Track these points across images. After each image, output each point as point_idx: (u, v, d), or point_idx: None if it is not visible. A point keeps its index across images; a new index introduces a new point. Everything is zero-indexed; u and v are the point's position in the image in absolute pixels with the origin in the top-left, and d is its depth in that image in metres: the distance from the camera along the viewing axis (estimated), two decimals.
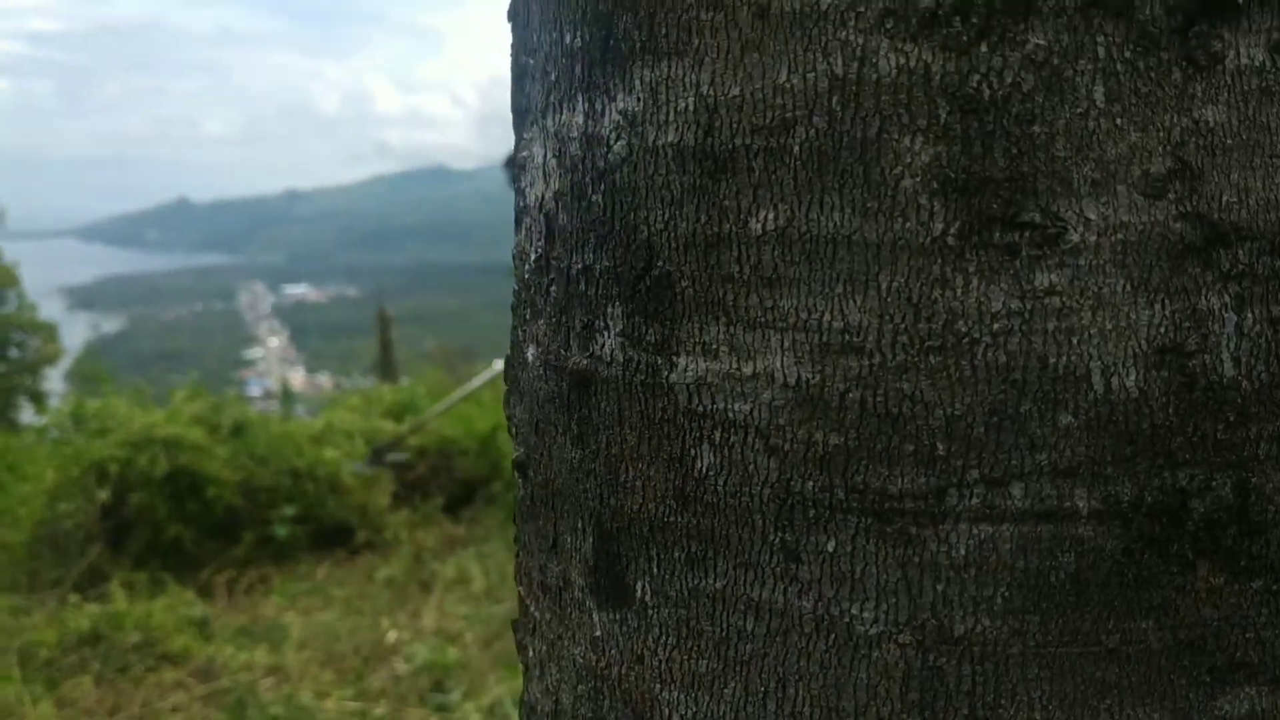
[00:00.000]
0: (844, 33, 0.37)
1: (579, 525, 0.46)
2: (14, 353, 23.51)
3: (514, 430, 0.51)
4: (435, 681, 3.54)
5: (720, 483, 0.41)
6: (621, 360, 0.43)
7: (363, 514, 5.82)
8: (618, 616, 0.45)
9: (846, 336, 0.39)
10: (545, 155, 0.46)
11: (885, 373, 0.38)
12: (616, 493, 0.44)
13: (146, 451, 5.20)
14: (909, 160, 0.37)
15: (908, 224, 0.37)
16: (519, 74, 0.49)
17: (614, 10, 0.41)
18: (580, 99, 0.44)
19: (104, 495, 5.10)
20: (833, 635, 0.40)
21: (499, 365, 6.65)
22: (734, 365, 0.40)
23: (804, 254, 0.39)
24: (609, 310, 0.44)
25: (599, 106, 0.43)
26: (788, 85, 0.38)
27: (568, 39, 0.44)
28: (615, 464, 0.44)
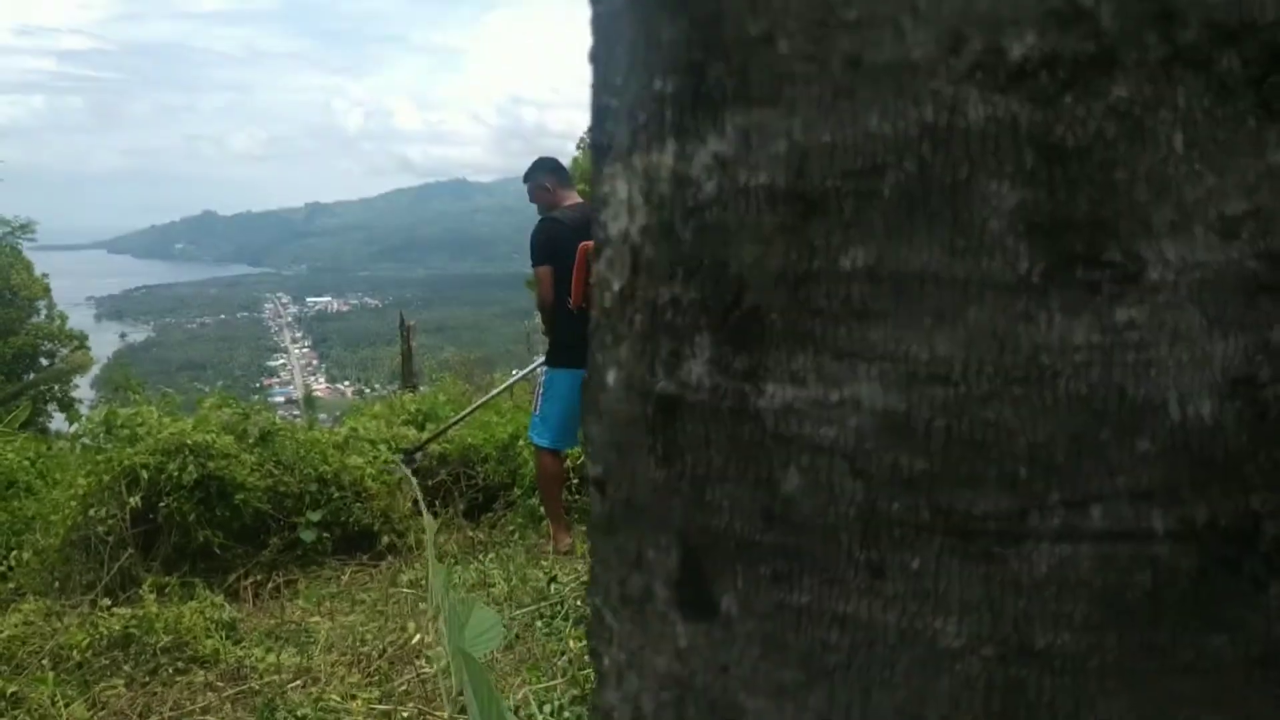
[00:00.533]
0: (935, 83, 0.39)
1: (662, 541, 0.48)
2: (44, 361, 23.84)
3: (591, 450, 0.53)
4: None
5: (807, 503, 0.43)
6: (709, 386, 0.45)
7: (386, 519, 5.85)
8: (703, 628, 0.47)
9: (933, 367, 0.40)
10: (631, 192, 0.48)
11: (970, 401, 0.40)
12: (702, 511, 0.46)
13: (176, 458, 5.24)
14: (996, 203, 0.39)
15: (994, 263, 0.39)
16: (600, 114, 0.51)
17: (706, 59, 0.43)
18: (670, 141, 0.46)
19: (135, 501, 5.14)
20: (917, 647, 0.42)
21: (519, 374, 6.69)
22: (821, 392, 0.42)
23: (893, 289, 0.41)
24: (697, 339, 0.46)
25: (689, 149, 0.45)
26: (879, 132, 0.40)
27: (658, 85, 0.46)
28: (701, 484, 0.46)
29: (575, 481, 6.40)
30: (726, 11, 0.42)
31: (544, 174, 5.61)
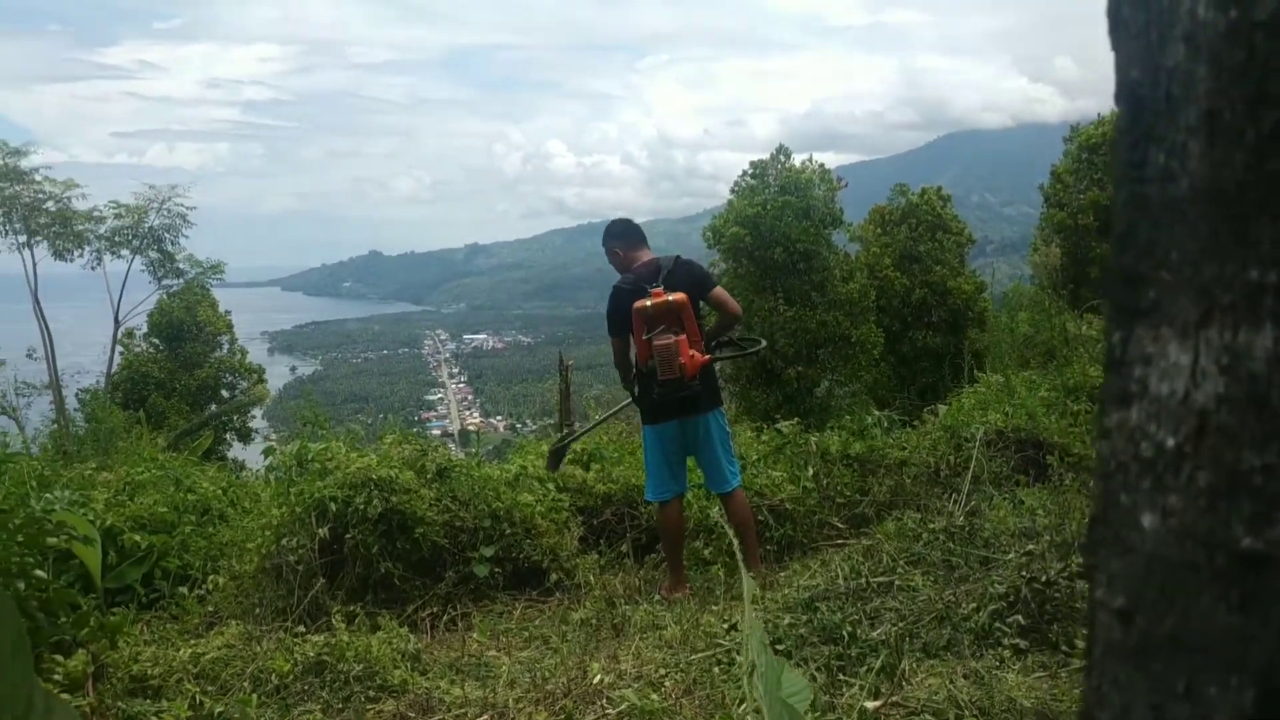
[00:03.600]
0: None
1: (1232, 681, 0.51)
2: (225, 393, 25.37)
3: (1105, 578, 0.55)
4: None
5: None
6: None
7: (554, 557, 5.94)
8: None
9: None
10: (1198, 360, 0.52)
11: None
12: None
13: (363, 492, 5.46)
14: None
15: None
16: (1136, 280, 0.56)
17: None
18: (1268, 326, 0.50)
19: (324, 532, 5.36)
20: None
21: (621, 405, 6.78)
22: None
23: None
24: None
25: None
26: None
27: (1254, 274, 0.50)
28: None
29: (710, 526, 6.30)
30: None
31: (613, 240, 5.82)
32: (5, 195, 24.69)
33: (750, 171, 22.51)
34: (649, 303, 5.27)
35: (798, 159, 22.43)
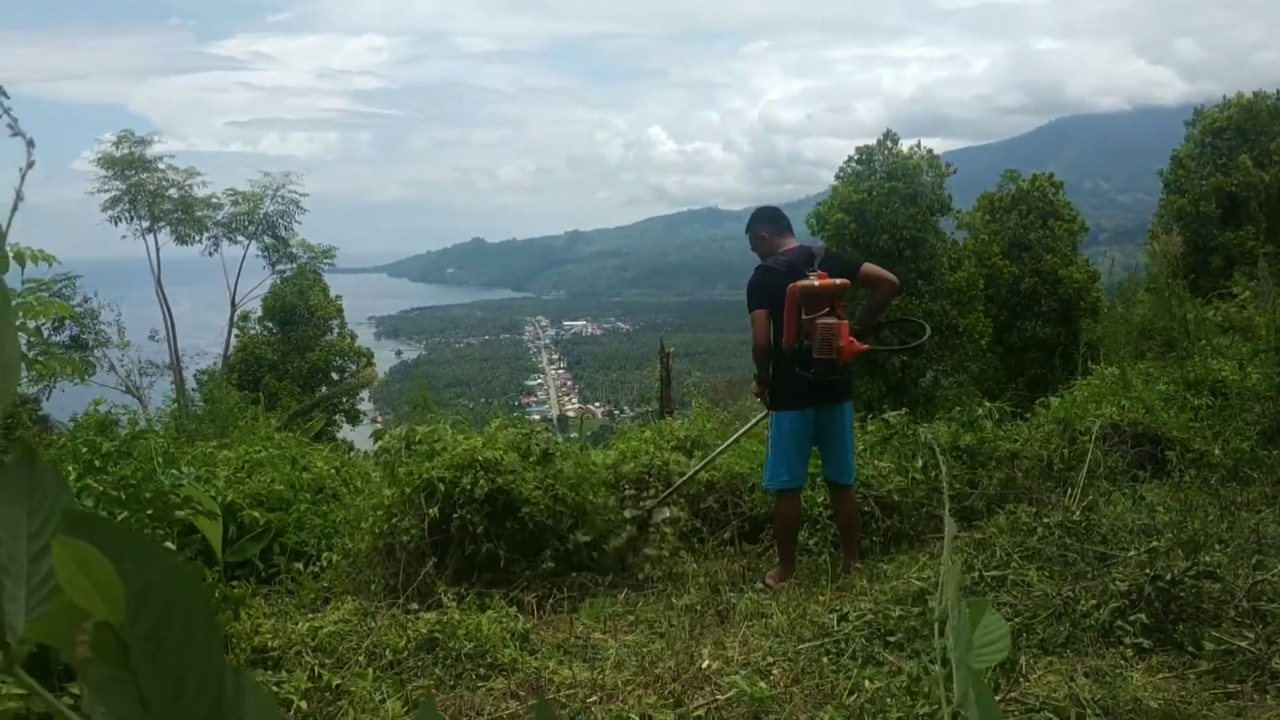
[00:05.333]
0: None
1: None
2: (335, 376, 26.12)
3: None
4: (754, 713, 3.52)
5: None
6: None
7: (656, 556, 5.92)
8: None
9: None
10: None
11: None
12: None
13: (469, 473, 5.54)
14: None
15: None
16: None
17: None
18: None
19: (433, 512, 5.45)
20: None
21: (745, 428, 6.60)
22: None
23: None
24: None
25: None
26: None
27: None
28: None
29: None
30: None
31: (760, 224, 5.81)
32: (131, 183, 25.79)
33: (856, 157, 22.12)
34: (815, 283, 5.20)
35: (905, 145, 21.95)
